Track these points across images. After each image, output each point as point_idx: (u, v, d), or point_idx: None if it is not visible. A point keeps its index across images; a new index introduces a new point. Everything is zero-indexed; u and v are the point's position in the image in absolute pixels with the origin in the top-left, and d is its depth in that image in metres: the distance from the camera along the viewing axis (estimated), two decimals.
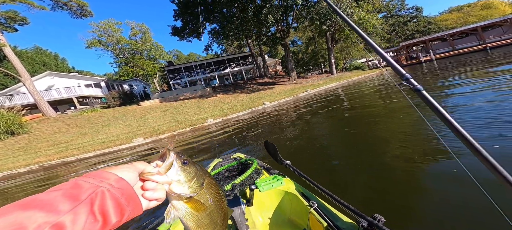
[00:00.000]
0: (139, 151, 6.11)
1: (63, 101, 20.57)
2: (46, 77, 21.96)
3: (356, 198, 1.47)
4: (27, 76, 14.54)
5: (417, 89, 0.63)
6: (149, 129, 9.77)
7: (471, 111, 2.73)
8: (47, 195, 0.27)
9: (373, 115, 4.03)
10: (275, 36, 20.22)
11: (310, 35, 30.18)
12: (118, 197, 0.31)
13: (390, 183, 1.65)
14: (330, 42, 21.61)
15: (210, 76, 27.64)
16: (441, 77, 7.14)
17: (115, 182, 0.32)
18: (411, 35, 40.60)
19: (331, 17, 14.45)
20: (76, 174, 4.76)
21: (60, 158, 6.76)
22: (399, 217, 1.28)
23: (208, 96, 18.13)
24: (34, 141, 9.98)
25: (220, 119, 9.74)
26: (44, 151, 8.16)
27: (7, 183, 5.41)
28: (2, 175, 6.02)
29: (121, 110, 16.14)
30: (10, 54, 13.90)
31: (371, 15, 16.98)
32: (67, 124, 12.92)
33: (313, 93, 12.90)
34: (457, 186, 1.41)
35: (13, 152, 8.55)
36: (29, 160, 7.11)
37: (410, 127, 2.75)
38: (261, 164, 1.21)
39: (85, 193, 0.29)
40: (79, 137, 9.85)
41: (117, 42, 31.09)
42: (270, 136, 4.12)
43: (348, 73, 24.29)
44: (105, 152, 7.00)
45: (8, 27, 14.65)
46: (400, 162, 1.92)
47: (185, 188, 0.38)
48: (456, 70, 7.66)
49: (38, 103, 14.83)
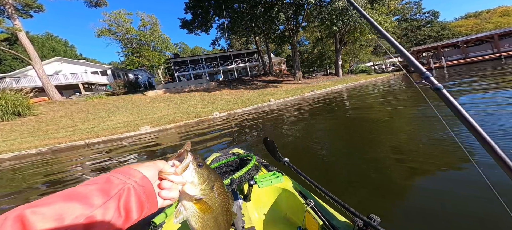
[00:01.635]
0: (147, 140, 6.17)
1: (68, 86, 20.79)
2: (54, 62, 22.35)
3: (354, 199, 1.47)
4: (37, 60, 14.80)
5: (436, 88, 0.60)
6: (155, 119, 9.84)
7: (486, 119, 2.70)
8: (85, 188, 0.30)
9: (380, 118, 4.02)
10: (283, 34, 20.04)
11: (318, 35, 29.85)
12: (140, 194, 0.33)
13: (391, 185, 1.64)
14: (338, 44, 21.40)
15: (215, 71, 27.62)
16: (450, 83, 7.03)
17: (140, 180, 0.34)
18: (423, 41, 39.65)
19: (343, 18, 14.18)
20: (84, 159, 4.83)
21: (68, 141, 6.85)
22: (396, 217, 1.28)
23: (213, 90, 18.15)
24: (40, 123, 10.09)
25: (225, 113, 9.77)
26: (51, 133, 8.26)
27: (17, 163, 5.51)
28: (11, 156, 6.12)
29: (126, 98, 16.23)
30: (23, 38, 14.13)
31: (385, 17, 16.51)
32: (72, 108, 13.03)
33: (319, 94, 12.85)
34: (470, 191, 1.40)
35: (20, 133, 8.66)
36: (38, 142, 7.20)
37: (422, 130, 2.73)
38: (260, 160, 1.21)
39: (115, 188, 0.31)
40: (85, 122, 9.95)
41: (126, 32, 31.42)
42: (273, 133, 4.14)
43: (354, 76, 24.13)
44: (112, 139, 7.07)
45: (24, 13, 15.03)
46: (408, 166, 1.92)
47: (197, 190, 0.39)
48: (466, 76, 7.57)
49: (45, 87, 15.06)
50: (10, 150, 6.48)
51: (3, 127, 9.30)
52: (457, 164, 1.75)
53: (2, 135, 8.38)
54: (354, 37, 20.42)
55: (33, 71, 19.96)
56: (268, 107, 10.19)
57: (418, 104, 4.63)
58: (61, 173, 3.83)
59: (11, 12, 13.97)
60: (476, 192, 1.33)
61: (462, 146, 0.74)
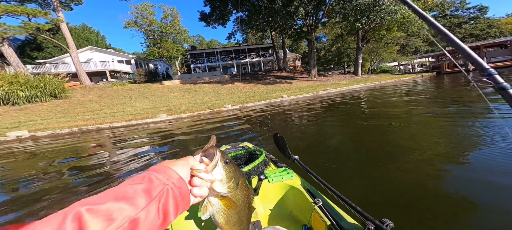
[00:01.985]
0: (162, 127, 6.55)
1: (97, 73, 22.67)
2: (87, 51, 24.68)
3: (367, 203, 1.42)
4: (74, 48, 16.52)
5: (501, 88, 0.52)
6: (171, 107, 10.35)
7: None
8: (131, 187, 0.30)
9: (402, 123, 3.80)
10: (301, 30, 19.37)
11: (338, 32, 28.37)
12: (177, 196, 0.34)
13: (406, 191, 1.57)
14: (360, 41, 20.18)
15: (229, 64, 27.92)
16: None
17: (177, 181, 0.35)
18: (462, 39, 35.15)
19: (369, 14, 13.18)
20: (108, 139, 5.28)
21: (95, 124, 7.54)
22: (409, 224, 1.23)
23: (226, 83, 18.44)
24: (73, 105, 11.19)
25: (237, 106, 9.93)
26: (81, 116, 9.14)
27: (52, 142, 6.21)
28: (48, 134, 6.92)
29: (145, 86, 17.22)
30: (64, 29, 15.83)
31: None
32: (99, 94, 14.19)
33: (335, 93, 12.40)
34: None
35: (55, 114, 9.70)
36: (70, 122, 8.04)
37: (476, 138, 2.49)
38: (269, 156, 1.20)
39: (156, 190, 0.31)
40: (110, 107, 10.81)
41: (150, 24, 33.32)
42: (284, 130, 4.10)
43: (374, 76, 22.75)
44: (133, 124, 7.63)
45: (66, 6, 17.03)
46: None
47: (225, 188, 0.40)
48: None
49: (78, 73, 16.72)
50: (47, 128, 7.33)
51: (41, 107, 10.48)
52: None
53: (40, 114, 9.47)
54: (379, 34, 19.02)
55: (69, 58, 22.16)
56: (280, 103, 10.13)
57: (468, 104, 4.28)
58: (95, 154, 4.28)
59: (56, 5, 15.68)
60: None
61: None
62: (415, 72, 30.40)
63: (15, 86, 10.38)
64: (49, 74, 12.28)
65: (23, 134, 6.49)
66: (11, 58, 13.31)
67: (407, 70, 34.50)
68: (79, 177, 2.70)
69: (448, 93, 6.86)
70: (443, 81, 11.97)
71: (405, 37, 23.73)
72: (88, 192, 2.21)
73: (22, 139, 6.41)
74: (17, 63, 13.50)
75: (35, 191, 2.33)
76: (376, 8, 12.79)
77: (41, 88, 11.18)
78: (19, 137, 6.39)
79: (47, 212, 1.82)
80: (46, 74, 12.07)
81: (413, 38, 27.30)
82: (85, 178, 2.61)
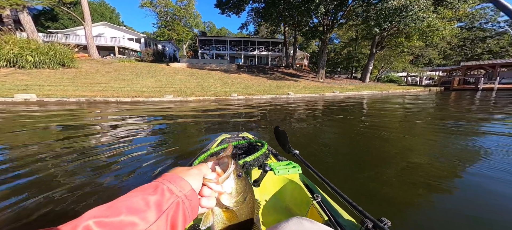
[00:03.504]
0: (170, 108, 6.59)
1: (106, 48, 22.78)
2: (100, 26, 25.01)
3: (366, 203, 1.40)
4: (89, 22, 16.74)
5: None
6: (177, 89, 10.37)
7: None
8: (144, 199, 0.29)
9: (407, 135, 3.79)
10: (316, 28, 18.77)
11: (352, 35, 27.74)
12: (186, 208, 0.32)
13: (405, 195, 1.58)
14: (374, 47, 19.74)
15: (237, 54, 27.67)
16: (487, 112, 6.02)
17: (189, 193, 0.33)
18: (479, 55, 32.91)
19: (393, 19, 12.24)
20: (114, 112, 5.33)
21: (102, 96, 7.59)
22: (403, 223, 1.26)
23: (232, 72, 18.34)
24: (79, 76, 11.22)
25: (243, 96, 9.93)
26: (88, 86, 9.19)
27: (61, 108, 6.29)
28: (55, 100, 6.99)
29: (152, 66, 17.18)
30: (84, 3, 16.20)
31: (446, 23, 14.25)
32: (106, 67, 14.19)
33: (341, 97, 12.33)
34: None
35: (63, 82, 9.75)
36: (77, 92, 8.10)
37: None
38: (269, 148, 1.19)
39: (166, 203, 0.30)
40: (117, 81, 10.84)
41: (165, 5, 33.15)
42: (288, 125, 4.07)
43: (381, 84, 22.51)
44: (140, 101, 7.68)
45: None
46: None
47: (231, 201, 0.39)
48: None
49: (89, 46, 16.90)
50: (54, 95, 7.40)
51: (47, 73, 10.53)
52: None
53: (47, 80, 9.52)
54: (396, 42, 18.36)
55: (80, 31, 22.27)
56: (286, 100, 10.11)
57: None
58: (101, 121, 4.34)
59: None
60: None
61: None
62: (422, 85, 29.89)
63: (26, 50, 10.43)
64: (59, 43, 12.31)
65: (31, 97, 6.56)
66: (27, 25, 13.37)
67: (414, 82, 33.92)
68: (96, 149, 2.76)
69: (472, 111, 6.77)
70: (456, 96, 11.64)
71: (422, 48, 23.05)
72: (96, 169, 2.25)
73: (30, 102, 6.49)
74: (33, 30, 13.59)
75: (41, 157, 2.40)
76: (403, 14, 11.96)
77: (51, 56, 11.25)
78: (27, 100, 6.47)
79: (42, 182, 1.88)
80: (56, 43, 12.11)
81: (430, 49, 26.50)
82: (100, 149, 2.67)
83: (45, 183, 1.64)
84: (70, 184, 1.63)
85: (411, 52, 24.27)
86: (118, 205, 0.27)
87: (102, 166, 1.99)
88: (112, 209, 0.26)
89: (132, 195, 0.30)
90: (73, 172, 1.86)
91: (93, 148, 2.53)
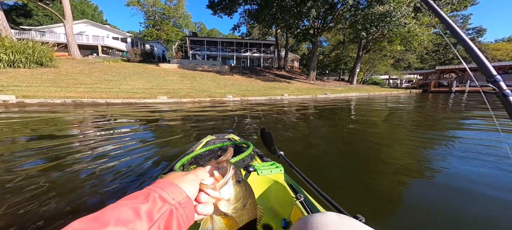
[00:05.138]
0: (164, 110, 6.39)
1: (87, 47, 21.47)
2: (81, 24, 23.58)
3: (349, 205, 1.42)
4: (70, 19, 15.81)
5: (504, 94, 0.55)
6: (170, 90, 10.07)
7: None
8: (134, 208, 0.27)
9: (393, 132, 4.06)
10: (307, 31, 19.37)
11: (340, 38, 28.90)
12: (181, 216, 0.31)
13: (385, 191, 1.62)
14: (361, 50, 20.77)
15: (228, 55, 27.54)
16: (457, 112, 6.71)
17: (184, 202, 0.32)
18: (450, 60, 36.05)
19: (378, 24, 13.24)
20: (103, 117, 5.07)
21: (90, 97, 7.15)
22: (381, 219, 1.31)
23: (225, 74, 18.22)
24: (60, 76, 10.46)
25: (238, 98, 9.92)
26: (72, 87, 8.60)
27: (46, 109, 5.82)
28: (38, 101, 6.46)
29: (141, 66, 16.50)
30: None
31: (424, 29, 15.41)
32: (90, 67, 13.37)
33: (332, 98, 12.80)
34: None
35: (42, 82, 9.03)
36: (62, 93, 7.54)
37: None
38: (255, 150, 1.20)
39: (158, 212, 0.28)
40: (103, 82, 10.26)
41: (153, 4, 32.02)
42: (285, 127, 4.07)
43: (367, 86, 23.72)
44: (131, 102, 7.34)
45: None
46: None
47: (230, 208, 0.37)
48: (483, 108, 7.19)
49: (69, 44, 15.91)
50: (36, 96, 6.83)
51: (24, 73, 9.69)
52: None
53: (24, 80, 8.76)
54: (380, 45, 19.56)
55: (58, 29, 20.81)
56: (281, 101, 10.27)
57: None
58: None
59: None
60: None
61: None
62: (402, 87, 32.01)
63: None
64: (32, 41, 11.40)
65: (10, 98, 6.00)
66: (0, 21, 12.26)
67: (395, 85, 36.23)
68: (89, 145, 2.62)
69: (450, 112, 7.38)
70: (433, 98, 12.66)
71: (402, 52, 24.74)
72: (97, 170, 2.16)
73: (8, 104, 5.93)
74: (5, 27, 12.60)
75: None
76: (387, 19, 12.93)
77: (27, 54, 10.36)
78: (6, 102, 5.91)
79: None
80: (30, 41, 11.19)
81: (409, 53, 28.49)
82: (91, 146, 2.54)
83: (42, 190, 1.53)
84: (60, 190, 1.54)
85: (392, 56, 25.93)
86: (105, 216, 0.25)
87: (94, 171, 1.87)
88: (98, 220, 0.24)
89: (121, 204, 0.27)
90: (63, 179, 1.75)
91: (85, 150, 2.40)
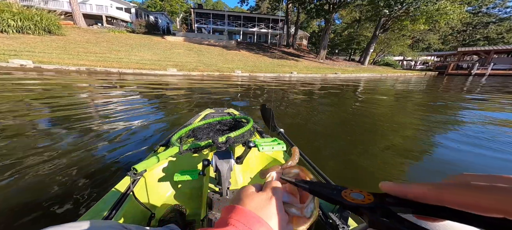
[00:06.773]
0: (176, 82, 6.46)
1: (91, 16, 20.88)
2: None
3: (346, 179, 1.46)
4: None
5: None
6: (178, 63, 10.04)
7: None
8: None
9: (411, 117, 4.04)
10: (322, 7, 17.76)
11: (356, 16, 26.68)
12: None
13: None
14: (378, 29, 19.31)
15: (235, 30, 26.37)
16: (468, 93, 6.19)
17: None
18: (476, 41, 32.83)
19: (404, 0, 11.79)
20: (117, 82, 5.19)
21: (103, 66, 7.26)
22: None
23: (232, 49, 17.73)
24: (69, 44, 10.47)
25: (247, 73, 9.84)
26: (83, 56, 8.67)
27: (66, 77, 5.99)
28: (54, 68, 6.62)
29: (146, 38, 16.17)
30: None
31: (456, 6, 13.89)
32: (96, 37, 13.22)
33: (343, 78, 12.46)
34: None
35: (54, 49, 9.10)
36: (74, 60, 7.65)
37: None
38: (255, 125, 1.17)
39: None
40: (112, 52, 10.26)
41: None
42: (294, 105, 3.93)
43: (379, 67, 22.74)
44: (142, 73, 7.44)
45: None
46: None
47: (307, 226, 0.29)
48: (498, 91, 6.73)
49: (74, 13, 15.54)
50: (51, 62, 6.97)
51: (34, 39, 9.73)
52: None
53: (36, 46, 8.84)
54: (400, 24, 17.87)
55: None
56: (289, 79, 10.12)
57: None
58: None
59: None
60: None
61: None
62: (416, 69, 30.34)
63: (7, 14, 9.44)
64: (37, 9, 11.16)
65: (27, 63, 6.18)
66: None
67: (409, 66, 34.39)
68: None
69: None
70: (450, 81, 12.00)
71: (423, 32, 22.80)
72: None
73: (26, 68, 6.13)
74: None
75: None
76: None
77: (35, 21, 10.31)
78: (23, 66, 6.10)
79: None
80: (33, 8, 10.96)
81: (431, 33, 26.29)
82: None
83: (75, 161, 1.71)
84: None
85: (412, 36, 24.06)
86: None
87: (115, 137, 1.89)
88: None
89: None
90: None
91: (112, 115, 2.57)
